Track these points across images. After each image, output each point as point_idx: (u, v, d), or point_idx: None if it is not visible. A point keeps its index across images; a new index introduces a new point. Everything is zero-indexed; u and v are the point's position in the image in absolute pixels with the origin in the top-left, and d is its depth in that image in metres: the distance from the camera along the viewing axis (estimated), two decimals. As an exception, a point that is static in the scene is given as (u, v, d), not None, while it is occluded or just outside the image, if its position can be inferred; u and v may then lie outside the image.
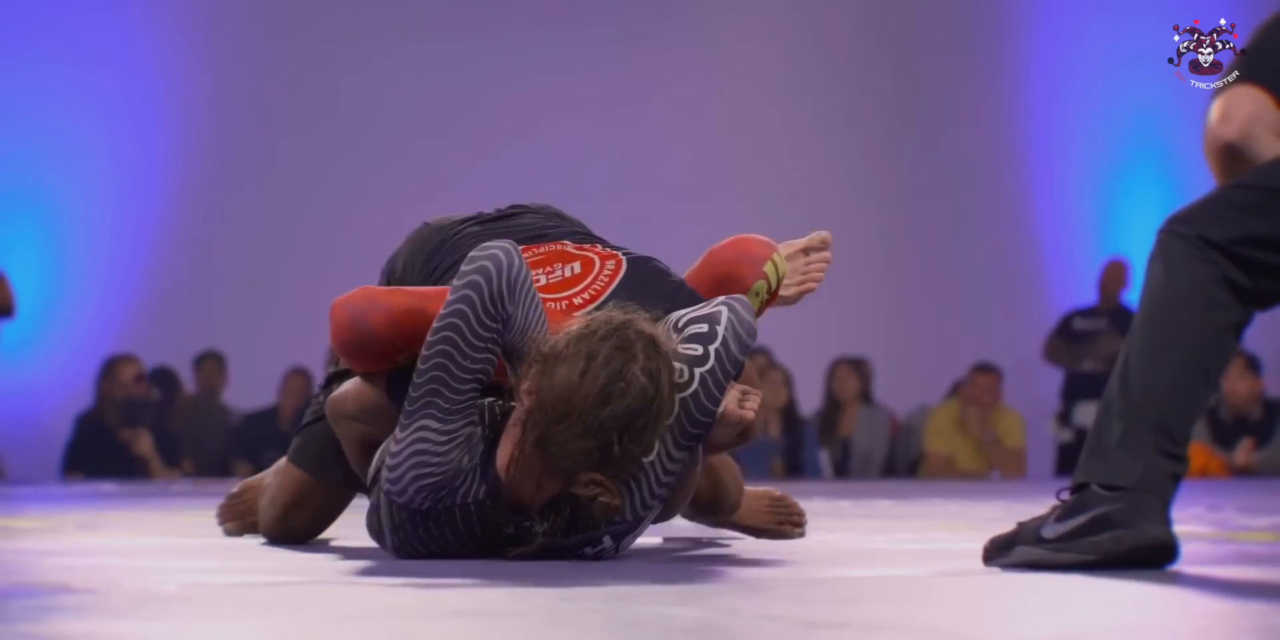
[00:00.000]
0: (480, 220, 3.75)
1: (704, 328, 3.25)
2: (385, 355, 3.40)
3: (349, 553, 3.51)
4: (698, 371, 3.17)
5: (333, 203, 11.88)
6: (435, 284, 3.56)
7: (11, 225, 11.88)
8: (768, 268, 3.77)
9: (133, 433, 10.93)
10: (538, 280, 3.44)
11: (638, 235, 13.17)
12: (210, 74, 12.34)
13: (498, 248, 3.17)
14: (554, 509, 3.16)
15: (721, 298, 3.36)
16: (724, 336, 3.24)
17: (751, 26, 13.05)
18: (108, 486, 9.07)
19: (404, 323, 3.34)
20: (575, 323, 3.16)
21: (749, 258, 3.75)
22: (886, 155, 12.97)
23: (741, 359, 3.28)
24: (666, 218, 12.25)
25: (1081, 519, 2.90)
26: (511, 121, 12.41)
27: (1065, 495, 2.97)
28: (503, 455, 3.16)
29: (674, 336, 3.23)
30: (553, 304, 3.34)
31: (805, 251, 3.97)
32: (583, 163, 12.45)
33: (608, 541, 3.22)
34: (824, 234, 3.96)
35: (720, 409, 3.24)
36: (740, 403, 3.28)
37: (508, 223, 3.72)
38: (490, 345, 3.14)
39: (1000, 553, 3.03)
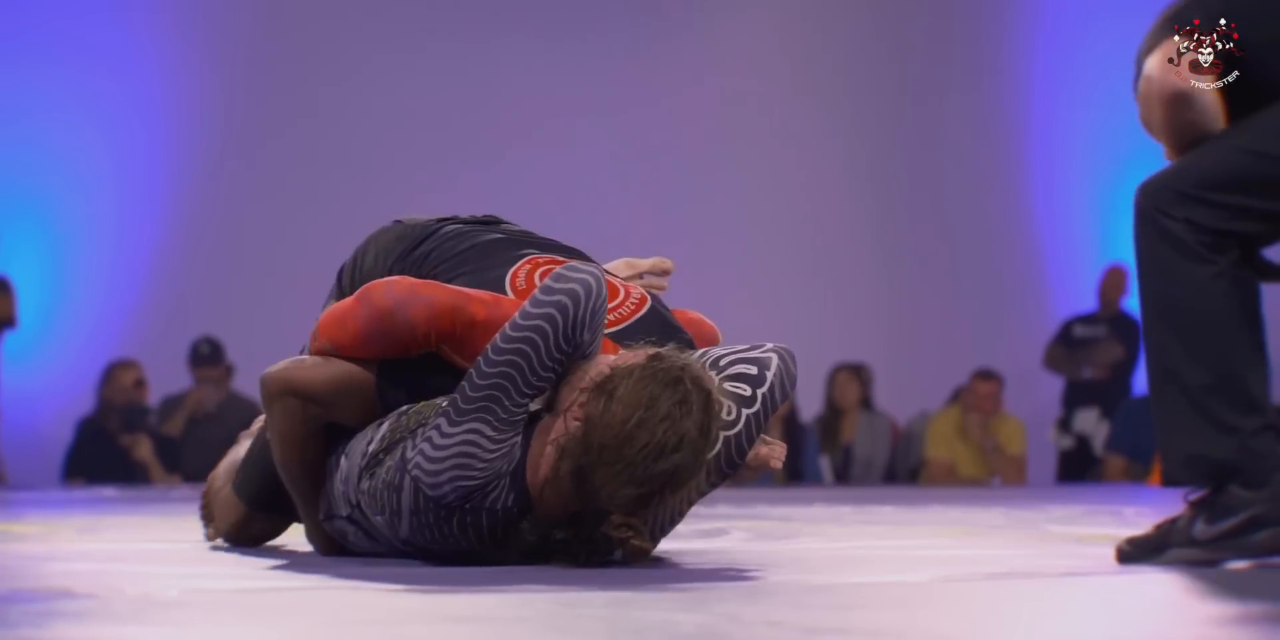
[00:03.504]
0: (459, 220, 3.78)
1: (754, 370, 3.32)
2: (408, 347, 3.40)
3: (350, 558, 3.51)
4: (745, 412, 3.24)
5: (335, 208, 11.87)
6: (426, 274, 3.57)
7: (13, 231, 11.87)
8: None
9: (133, 438, 10.92)
10: None
11: (639, 238, 13.21)
12: (212, 78, 12.34)
13: (588, 273, 3.17)
14: (576, 523, 3.17)
15: (771, 345, 3.42)
16: (772, 382, 3.32)
17: (753, 32, 13.05)
18: (108, 491, 9.07)
19: (443, 318, 3.35)
20: (632, 354, 3.16)
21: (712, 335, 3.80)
22: (887, 162, 12.97)
23: (779, 406, 3.34)
24: (667, 221, 12.26)
25: (1234, 520, 3.04)
26: (513, 124, 12.41)
27: (1192, 497, 3.10)
28: (533, 469, 3.16)
29: (714, 374, 3.25)
30: None
31: (641, 275, 4.00)
32: (584, 165, 12.45)
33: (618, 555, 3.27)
34: (667, 263, 4.00)
35: (752, 451, 3.32)
36: (770, 449, 3.39)
37: (493, 226, 3.76)
38: (558, 366, 3.14)
39: (1150, 554, 3.09)
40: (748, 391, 3.28)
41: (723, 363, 3.34)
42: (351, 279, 3.76)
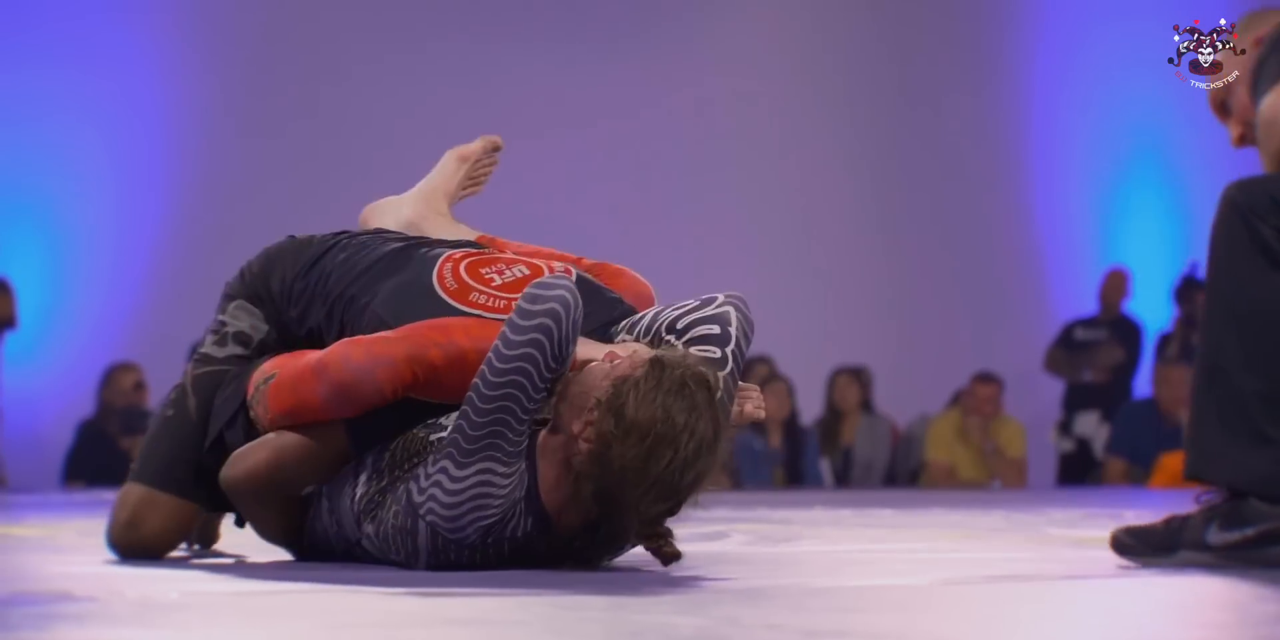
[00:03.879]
0: (351, 234, 3.78)
1: (715, 329, 3.26)
2: (374, 406, 3.35)
3: (349, 562, 3.51)
4: (720, 375, 3.17)
5: (335, 210, 11.80)
6: (336, 290, 3.56)
7: (13, 232, 11.87)
8: None
9: (133, 441, 10.92)
10: (491, 280, 3.45)
11: (639, 239, 13.16)
12: (213, 80, 12.34)
13: (562, 287, 3.08)
14: (592, 529, 3.17)
15: (721, 296, 3.35)
16: (736, 337, 3.27)
17: (754, 33, 13.05)
18: (109, 494, 9.06)
19: (405, 374, 3.29)
20: (628, 362, 3.09)
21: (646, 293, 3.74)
22: (888, 164, 12.97)
23: (747, 354, 3.32)
24: (668, 222, 12.26)
25: (1250, 532, 3.04)
26: (514, 125, 12.36)
27: (1204, 499, 3.10)
28: (547, 489, 3.12)
29: (672, 339, 3.22)
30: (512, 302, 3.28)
31: (475, 160, 4.04)
32: (585, 167, 12.45)
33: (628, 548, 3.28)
34: (495, 138, 4.04)
35: (736, 408, 3.29)
36: (750, 403, 3.33)
37: (388, 235, 3.74)
38: (550, 386, 3.10)
39: (1158, 553, 3.08)
40: (717, 353, 3.23)
41: (680, 325, 3.28)
42: (251, 294, 3.69)
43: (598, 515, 3.12)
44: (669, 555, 3.11)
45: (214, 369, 3.67)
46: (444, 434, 3.20)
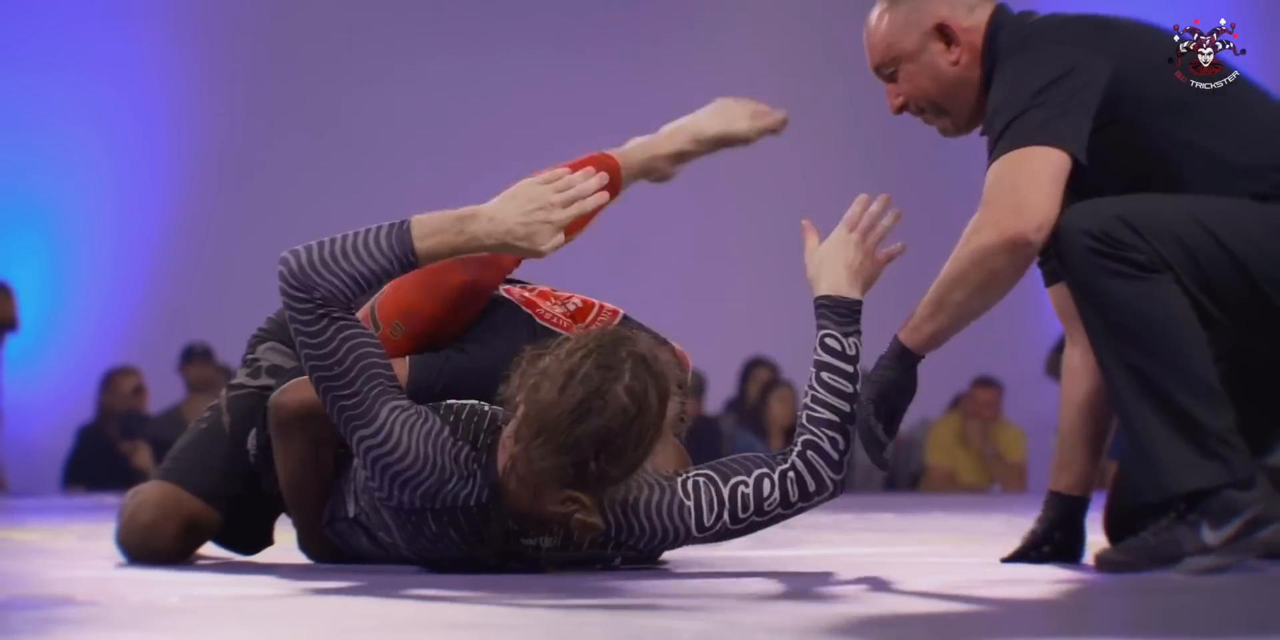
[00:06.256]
0: None
1: None
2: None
3: (350, 566, 3.51)
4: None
5: (336, 214, 11.83)
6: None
7: (13, 236, 11.88)
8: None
9: (132, 445, 10.92)
10: (552, 310, 3.57)
11: (640, 241, 13.11)
12: (213, 84, 12.35)
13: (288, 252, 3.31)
14: (558, 524, 3.16)
15: None
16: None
17: (756, 40, 13.06)
18: (109, 499, 9.07)
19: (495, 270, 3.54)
20: (570, 339, 3.13)
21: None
22: (887, 166, 12.97)
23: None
24: (668, 225, 12.26)
25: (1239, 522, 3.08)
26: (515, 131, 12.40)
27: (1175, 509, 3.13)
28: (501, 458, 3.14)
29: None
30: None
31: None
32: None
33: (618, 563, 3.26)
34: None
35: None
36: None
37: None
38: (324, 326, 3.18)
39: (1163, 565, 3.08)
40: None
41: None
42: (284, 337, 3.66)
43: (525, 481, 3.09)
44: (581, 524, 3.07)
45: (248, 392, 3.68)
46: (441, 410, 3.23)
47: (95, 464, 10.92)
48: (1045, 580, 3.20)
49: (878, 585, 3.12)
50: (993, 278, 3.30)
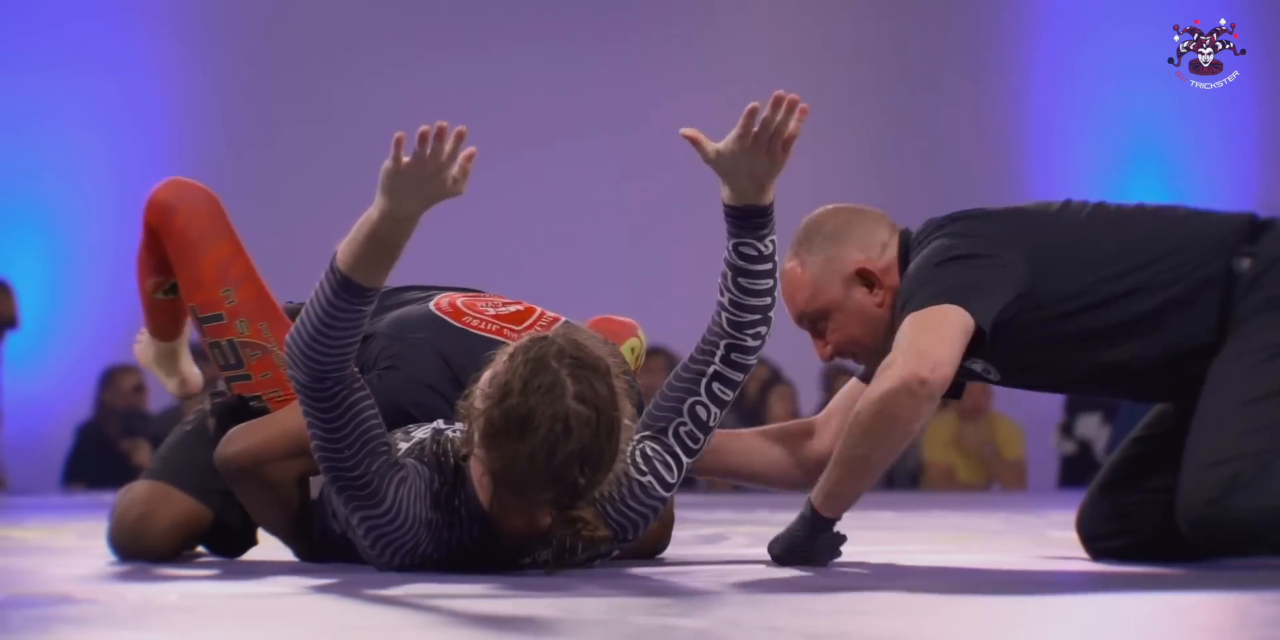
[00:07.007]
0: None
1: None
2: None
3: (350, 565, 3.51)
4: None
5: (336, 213, 11.81)
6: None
7: (13, 235, 11.87)
8: (625, 348, 3.78)
9: (132, 443, 10.92)
10: (485, 311, 3.56)
11: (640, 241, 13.08)
12: (213, 83, 12.34)
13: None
14: (556, 538, 3.15)
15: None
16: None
17: (756, 39, 13.05)
18: (109, 497, 9.05)
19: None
20: (501, 353, 3.05)
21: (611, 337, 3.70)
22: (887, 165, 12.97)
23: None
24: (668, 224, 12.25)
25: None
26: (516, 130, 12.40)
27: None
28: (482, 495, 3.10)
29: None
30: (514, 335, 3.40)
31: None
32: (587, 169, 12.44)
33: (615, 554, 3.26)
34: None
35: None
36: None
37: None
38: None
39: None
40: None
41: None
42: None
43: (512, 508, 3.07)
44: (590, 539, 3.06)
45: (232, 398, 3.68)
46: (408, 443, 3.20)
47: (95, 462, 10.92)
48: (1045, 578, 3.20)
49: (877, 583, 3.12)
50: (893, 424, 3.31)
